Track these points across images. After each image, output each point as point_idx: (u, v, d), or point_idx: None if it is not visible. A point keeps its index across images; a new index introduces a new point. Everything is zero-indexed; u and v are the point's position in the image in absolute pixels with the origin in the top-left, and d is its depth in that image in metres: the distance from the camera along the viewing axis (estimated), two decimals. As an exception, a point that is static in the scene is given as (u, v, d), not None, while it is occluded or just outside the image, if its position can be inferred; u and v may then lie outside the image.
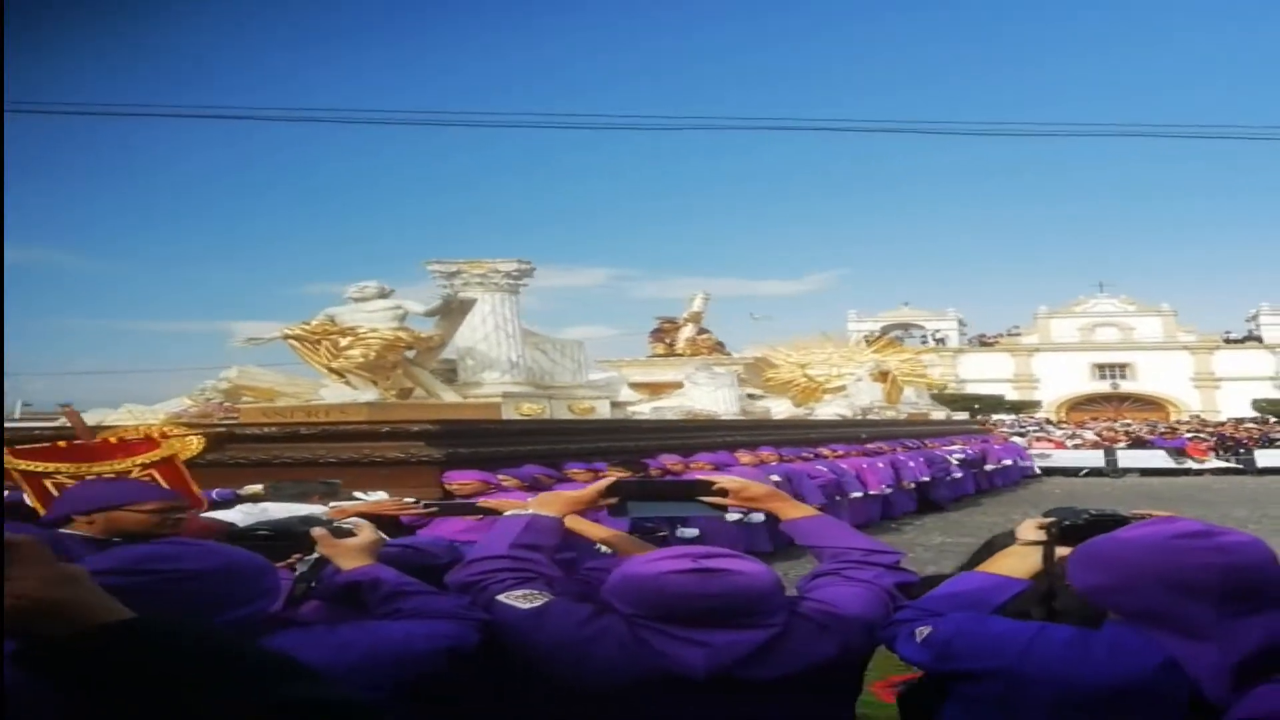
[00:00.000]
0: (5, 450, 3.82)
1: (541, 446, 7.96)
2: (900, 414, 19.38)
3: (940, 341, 55.04)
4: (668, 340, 19.46)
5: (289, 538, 2.01)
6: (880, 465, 12.55)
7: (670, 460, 8.79)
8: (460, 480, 6.27)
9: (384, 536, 2.09)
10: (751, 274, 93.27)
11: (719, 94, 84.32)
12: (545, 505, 2.14)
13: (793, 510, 2.17)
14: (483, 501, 3.13)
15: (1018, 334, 55.98)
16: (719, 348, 19.53)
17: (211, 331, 75.35)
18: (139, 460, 4.01)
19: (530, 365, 10.85)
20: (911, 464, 13.49)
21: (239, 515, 3.90)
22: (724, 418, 12.61)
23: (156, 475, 3.88)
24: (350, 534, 2.04)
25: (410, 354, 9.64)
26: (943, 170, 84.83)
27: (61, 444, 4.12)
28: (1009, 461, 18.83)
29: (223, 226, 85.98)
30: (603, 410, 10.86)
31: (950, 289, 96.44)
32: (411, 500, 3.45)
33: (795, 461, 10.95)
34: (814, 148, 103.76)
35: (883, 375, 19.86)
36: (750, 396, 16.58)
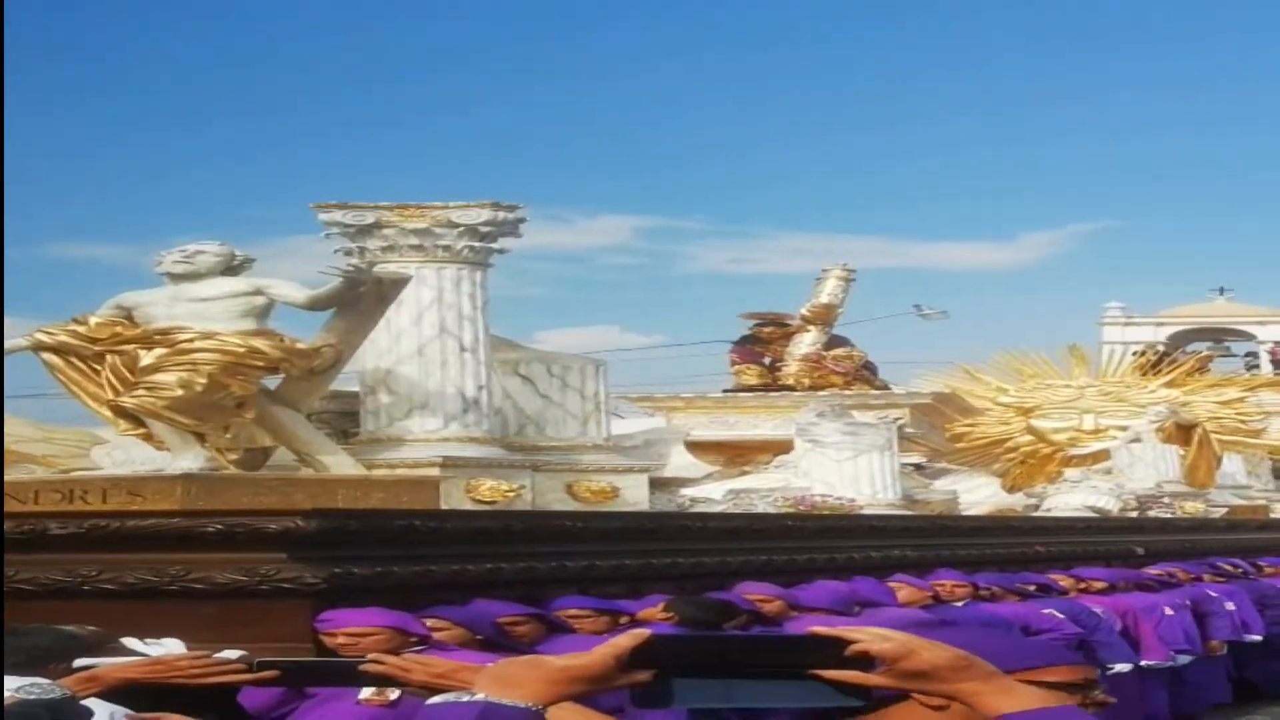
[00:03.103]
0: None
1: (514, 562, 7.55)
2: (1214, 507, 17.74)
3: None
4: (768, 358, 17.95)
5: None
6: (1170, 610, 11.28)
7: (757, 592, 8.11)
8: (356, 626, 6.07)
9: None
10: (926, 232, 73.98)
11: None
12: (511, 682, 1.96)
13: (1006, 697, 1.90)
14: (372, 663, 3.11)
15: None
16: (867, 375, 17.80)
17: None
18: None
19: (502, 404, 10.34)
20: (1231, 605, 12.10)
21: None
22: (871, 510, 11.87)
23: None
24: None
25: (273, 381, 9.29)
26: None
27: None
28: None
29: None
30: (634, 493, 10.09)
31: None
32: (232, 656, 3.58)
33: (1006, 599, 10.13)
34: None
35: (1183, 431, 18.28)
36: (918, 468, 15.20)
